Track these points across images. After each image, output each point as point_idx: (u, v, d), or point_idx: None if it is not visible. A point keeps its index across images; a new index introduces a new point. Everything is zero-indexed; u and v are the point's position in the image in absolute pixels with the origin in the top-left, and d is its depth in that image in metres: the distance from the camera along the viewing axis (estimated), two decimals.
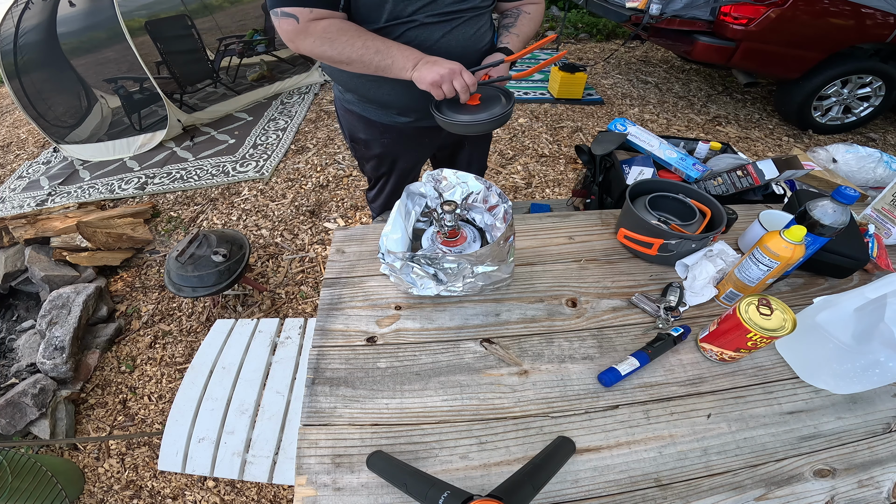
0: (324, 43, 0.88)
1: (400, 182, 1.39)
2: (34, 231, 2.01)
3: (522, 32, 1.10)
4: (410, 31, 0.94)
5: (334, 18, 0.88)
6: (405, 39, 0.94)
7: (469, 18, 0.99)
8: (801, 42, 2.62)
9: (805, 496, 0.60)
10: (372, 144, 1.24)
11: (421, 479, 0.55)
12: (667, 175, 1.35)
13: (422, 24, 0.93)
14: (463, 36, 0.99)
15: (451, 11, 0.95)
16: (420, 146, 1.27)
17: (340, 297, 0.85)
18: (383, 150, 1.25)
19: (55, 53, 3.09)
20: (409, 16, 0.92)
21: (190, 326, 1.90)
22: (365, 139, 1.24)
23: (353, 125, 1.22)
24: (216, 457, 1.03)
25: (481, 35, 1.04)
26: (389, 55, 0.88)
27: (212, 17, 3.59)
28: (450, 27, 0.96)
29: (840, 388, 0.70)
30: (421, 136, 1.20)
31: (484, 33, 1.05)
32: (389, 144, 1.23)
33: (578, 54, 4.50)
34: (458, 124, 0.97)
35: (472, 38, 1.02)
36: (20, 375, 1.63)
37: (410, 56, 0.89)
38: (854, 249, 0.85)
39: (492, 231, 0.85)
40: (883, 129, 3.15)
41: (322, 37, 0.87)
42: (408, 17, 0.92)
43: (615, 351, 0.76)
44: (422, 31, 0.94)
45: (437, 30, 0.96)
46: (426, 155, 1.39)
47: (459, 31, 0.98)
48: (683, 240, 0.84)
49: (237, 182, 2.71)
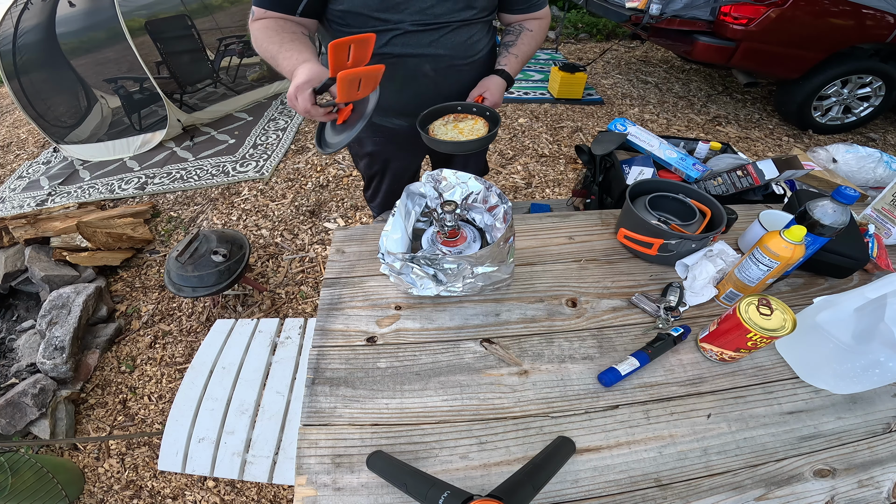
0: (254, 41, 0.90)
1: (395, 182, 1.39)
2: (34, 231, 2.01)
3: (522, 52, 1.08)
4: (397, 37, 0.94)
5: (271, 19, 0.89)
6: (392, 46, 0.94)
7: (459, 27, 0.98)
8: (801, 42, 2.62)
9: (805, 496, 0.60)
10: (364, 142, 1.25)
11: (421, 479, 0.55)
12: (667, 175, 1.35)
13: (407, 31, 0.94)
14: (452, 43, 0.99)
15: (439, 22, 0.95)
16: (412, 147, 1.26)
17: (340, 297, 0.85)
18: (375, 149, 1.26)
19: (55, 53, 3.09)
20: (394, 23, 0.92)
21: (190, 326, 1.90)
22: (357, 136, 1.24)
23: None
24: (216, 457, 1.03)
25: (474, 43, 1.03)
26: (278, 63, 0.86)
27: (212, 17, 3.58)
28: (438, 35, 0.96)
29: (840, 388, 0.70)
30: (413, 138, 1.20)
31: (478, 41, 1.03)
32: (381, 143, 1.23)
33: (578, 54, 4.50)
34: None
35: (462, 45, 1.01)
36: (20, 375, 1.63)
37: (289, 65, 0.83)
38: (854, 249, 0.85)
39: (492, 231, 0.85)
40: (883, 129, 3.15)
41: (254, 35, 0.90)
42: (393, 24, 0.92)
43: (615, 351, 0.76)
44: (408, 38, 0.95)
45: (424, 37, 0.95)
46: (420, 156, 1.39)
47: (449, 39, 0.98)
48: (683, 240, 0.84)
49: (237, 182, 2.71)
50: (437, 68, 1.01)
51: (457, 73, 1.05)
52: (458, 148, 1.00)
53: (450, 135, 1.01)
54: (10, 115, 4.17)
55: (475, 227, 0.88)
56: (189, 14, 3.33)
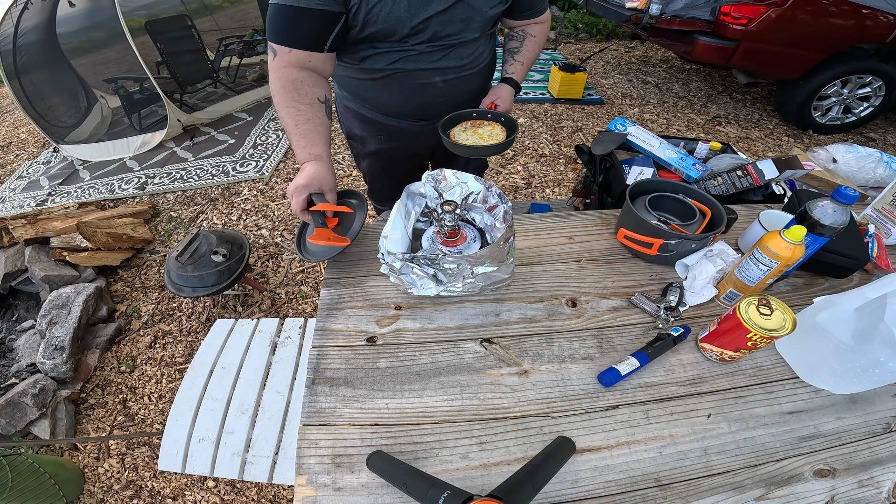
0: (273, 92, 0.88)
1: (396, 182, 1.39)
2: (34, 231, 2.01)
3: (527, 59, 1.11)
4: (410, 57, 0.95)
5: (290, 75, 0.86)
6: (405, 63, 0.95)
7: (469, 42, 0.99)
8: (801, 42, 2.62)
9: (805, 496, 0.60)
10: (368, 142, 1.25)
11: (421, 479, 0.55)
12: (667, 175, 1.35)
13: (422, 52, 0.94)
14: (461, 55, 1.01)
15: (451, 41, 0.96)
16: (415, 147, 1.27)
17: (340, 297, 0.85)
18: (378, 148, 1.26)
19: (55, 53, 3.10)
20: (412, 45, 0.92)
21: (190, 326, 1.90)
22: (361, 136, 1.24)
23: (351, 122, 1.23)
24: (216, 457, 1.03)
25: (480, 53, 1.05)
26: (291, 141, 0.89)
27: (212, 17, 3.58)
28: (448, 51, 0.98)
29: (840, 388, 0.70)
30: (416, 137, 1.20)
31: (481, 53, 1.06)
32: (385, 142, 1.23)
33: (578, 54, 4.50)
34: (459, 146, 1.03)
35: (470, 56, 1.03)
36: (20, 375, 1.63)
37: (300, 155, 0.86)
38: (854, 249, 0.85)
39: (492, 231, 0.85)
40: (883, 129, 3.15)
41: (273, 87, 0.88)
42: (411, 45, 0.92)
43: (615, 351, 0.76)
44: (421, 56, 0.95)
45: (436, 54, 0.97)
46: (422, 155, 1.39)
47: (458, 52, 0.99)
48: (683, 240, 0.84)
49: (237, 182, 2.71)
50: (446, 79, 1.03)
51: (464, 82, 1.07)
52: (481, 153, 1.04)
53: (471, 140, 1.05)
54: (10, 115, 4.18)
55: (475, 227, 0.88)
56: (189, 14, 3.33)
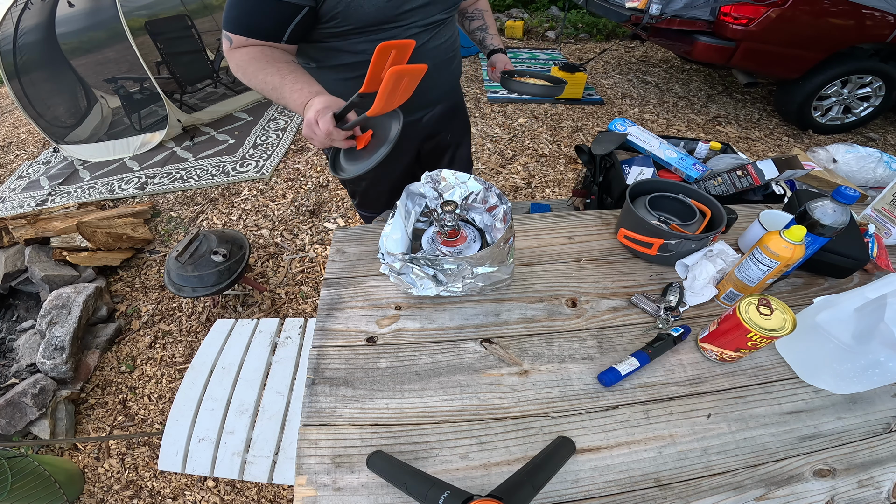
0: (238, 70, 0.85)
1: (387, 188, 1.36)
2: (34, 231, 2.01)
3: (495, 29, 1.30)
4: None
5: (256, 47, 0.84)
6: None
7: (443, 26, 1.01)
8: (801, 42, 2.62)
9: (805, 496, 0.60)
10: None
11: (421, 479, 0.55)
12: (667, 175, 1.35)
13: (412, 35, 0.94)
14: (440, 40, 1.02)
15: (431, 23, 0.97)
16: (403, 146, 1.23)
17: (340, 297, 0.85)
18: None
19: (55, 53, 3.10)
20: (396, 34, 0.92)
21: (190, 326, 1.90)
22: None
23: None
24: (216, 457, 1.03)
25: (452, 36, 1.09)
26: (283, 95, 0.82)
27: (212, 17, 3.58)
28: (429, 36, 0.98)
29: (840, 388, 0.70)
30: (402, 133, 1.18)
31: (452, 34, 1.10)
32: None
33: (578, 54, 4.50)
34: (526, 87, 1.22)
35: (447, 40, 1.05)
36: (20, 375, 1.63)
37: (300, 98, 0.81)
38: (854, 249, 0.85)
39: (491, 231, 0.85)
40: (883, 129, 3.15)
41: (239, 65, 0.85)
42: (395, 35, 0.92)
43: (615, 351, 0.76)
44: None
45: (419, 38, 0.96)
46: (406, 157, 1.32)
47: (438, 37, 1.02)
48: (683, 240, 0.84)
49: (237, 182, 2.71)
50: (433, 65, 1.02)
51: (445, 66, 1.10)
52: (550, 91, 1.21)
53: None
54: (10, 115, 4.18)
55: (475, 228, 0.88)
56: (189, 14, 3.34)
